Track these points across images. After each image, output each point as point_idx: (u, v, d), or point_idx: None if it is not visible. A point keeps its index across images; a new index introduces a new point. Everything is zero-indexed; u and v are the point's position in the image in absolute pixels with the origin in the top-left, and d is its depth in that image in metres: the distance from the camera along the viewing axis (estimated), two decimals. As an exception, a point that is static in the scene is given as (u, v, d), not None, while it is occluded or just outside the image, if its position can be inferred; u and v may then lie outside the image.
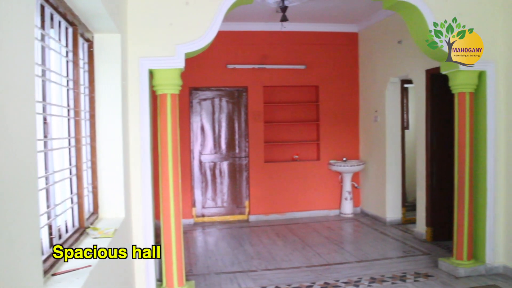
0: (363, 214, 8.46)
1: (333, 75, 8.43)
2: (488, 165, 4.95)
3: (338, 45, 8.48)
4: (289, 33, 8.06)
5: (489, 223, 5.01)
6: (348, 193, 8.33)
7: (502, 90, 4.93)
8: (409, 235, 6.95)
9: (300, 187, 8.39)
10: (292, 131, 8.52)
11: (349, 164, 8.21)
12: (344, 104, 8.51)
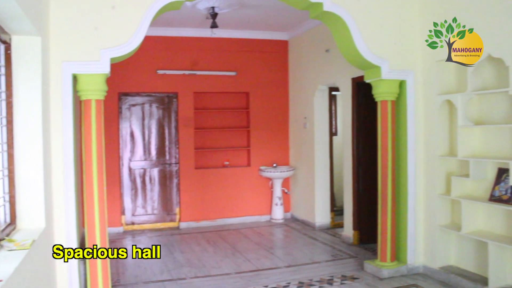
0: (293, 219, 8.59)
1: (263, 82, 8.52)
2: (409, 170, 5.18)
3: (268, 52, 8.58)
4: (220, 39, 8.08)
5: (410, 226, 5.23)
6: (279, 199, 8.43)
7: (420, 98, 5.18)
8: (337, 239, 7.13)
9: (231, 193, 8.39)
10: (222, 137, 8.52)
11: (279, 170, 8.32)
12: (274, 111, 8.62)
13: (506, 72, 4.21)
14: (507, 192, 4.36)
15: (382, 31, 5.05)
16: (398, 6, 5.13)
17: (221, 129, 8.48)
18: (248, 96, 8.51)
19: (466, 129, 4.72)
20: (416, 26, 5.18)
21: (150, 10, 4.26)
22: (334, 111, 8.77)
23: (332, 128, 7.95)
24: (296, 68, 8.41)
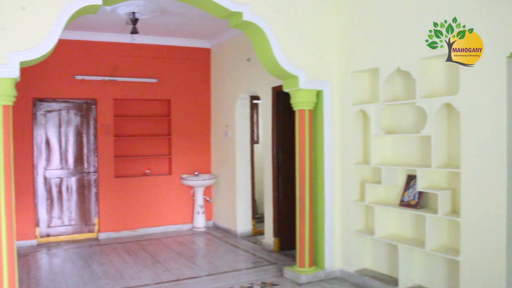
0: (215, 228, 8.57)
1: (185, 89, 8.47)
2: (326, 178, 5.33)
3: (191, 60, 8.55)
4: (141, 45, 7.96)
5: (328, 232, 5.39)
6: (200, 207, 8.38)
7: (337, 108, 5.37)
8: (258, 246, 7.19)
9: (152, 202, 8.24)
10: (143, 145, 8.36)
11: (201, 178, 8.28)
12: (196, 119, 8.59)
13: (414, 85, 4.47)
14: (415, 197, 4.61)
15: (301, 42, 5.19)
16: (316, 18, 5.29)
17: (142, 137, 8.32)
18: (169, 104, 8.41)
19: (378, 137, 4.94)
20: (333, 39, 5.37)
21: (64, 12, 4.10)
22: (256, 120, 8.87)
23: (253, 136, 8.03)
24: (218, 76, 8.44)
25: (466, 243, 4.05)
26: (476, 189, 3.96)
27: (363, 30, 5.05)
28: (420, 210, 4.51)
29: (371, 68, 4.94)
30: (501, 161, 3.76)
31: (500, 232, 3.78)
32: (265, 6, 4.95)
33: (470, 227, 4.01)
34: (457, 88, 4.07)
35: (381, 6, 4.82)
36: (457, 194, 4.22)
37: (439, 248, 4.38)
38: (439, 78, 4.41)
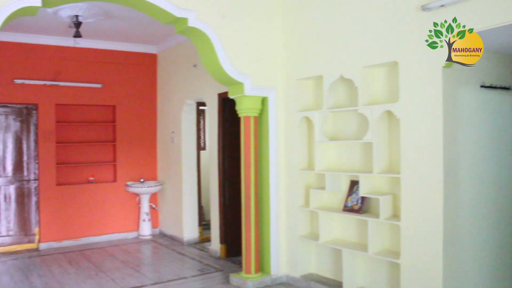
0: (161, 235, 8.45)
1: (131, 95, 8.33)
2: (271, 184, 5.37)
3: (137, 65, 8.42)
4: (85, 49, 7.77)
5: (273, 238, 5.42)
6: (146, 215, 8.25)
7: (282, 114, 5.42)
8: (205, 253, 7.14)
9: (97, 210, 8.03)
10: (87, 152, 8.12)
11: (147, 185, 8.15)
12: (142, 125, 8.46)
13: (356, 92, 4.58)
14: (358, 202, 4.71)
15: (246, 49, 5.21)
16: (262, 25, 5.33)
17: (86, 143, 8.08)
18: (114, 109, 8.24)
19: (322, 144, 5.02)
20: (279, 46, 5.43)
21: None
22: (202, 126, 8.83)
23: (200, 143, 7.99)
24: (164, 82, 8.35)
25: (406, 246, 4.17)
26: (415, 193, 4.09)
27: (308, 38, 5.13)
28: (363, 214, 4.62)
29: (316, 75, 5.03)
30: (437, 166, 3.90)
31: (437, 234, 3.92)
32: (211, 13, 4.95)
33: (410, 231, 4.14)
34: (397, 96, 4.20)
35: (325, 15, 4.92)
36: (398, 198, 4.33)
37: (381, 252, 4.49)
38: (381, 86, 4.55)
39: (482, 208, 4.55)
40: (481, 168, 4.53)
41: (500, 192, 4.80)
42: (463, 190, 4.26)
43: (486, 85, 4.50)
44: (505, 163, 4.88)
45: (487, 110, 4.63)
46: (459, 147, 4.18)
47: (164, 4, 4.63)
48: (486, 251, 4.62)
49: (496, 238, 4.76)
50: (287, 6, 5.37)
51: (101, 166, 8.24)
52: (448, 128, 3.94)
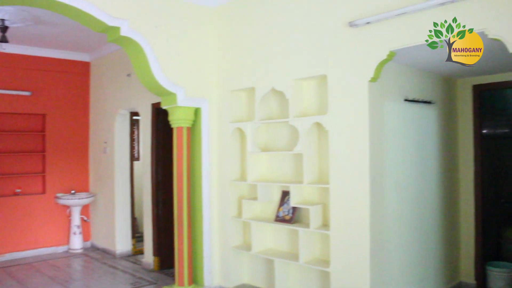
0: (93, 248, 8.20)
1: (62, 104, 8.08)
2: (204, 195, 5.35)
3: (68, 73, 8.18)
4: (13, 55, 7.48)
5: (206, 249, 5.38)
6: (77, 227, 7.98)
7: (215, 125, 5.42)
8: (138, 266, 6.99)
9: (23, 223, 7.68)
10: (14, 162, 7.75)
11: (78, 197, 7.90)
12: (74, 135, 8.21)
13: (287, 104, 4.66)
14: (289, 212, 4.77)
15: (179, 60, 5.19)
16: (196, 37, 5.32)
17: (12, 154, 7.72)
18: (44, 118, 7.95)
19: (254, 155, 5.06)
20: (213, 57, 5.44)
21: None
22: (136, 136, 8.69)
23: (133, 153, 7.85)
24: (97, 91, 8.16)
25: (335, 254, 4.26)
26: (343, 203, 4.20)
27: (241, 50, 5.18)
28: (294, 224, 4.68)
29: (248, 87, 5.08)
30: (364, 176, 4.02)
31: (364, 242, 4.04)
32: (144, 22, 4.89)
33: (338, 239, 4.24)
34: (326, 109, 4.32)
35: (258, 28, 4.99)
36: (328, 208, 4.43)
37: (312, 261, 4.56)
38: (311, 98, 4.65)
39: (406, 215, 4.74)
40: (405, 177, 4.73)
41: (423, 199, 5.03)
42: (388, 199, 4.42)
43: (410, 99, 4.71)
44: (428, 172, 5.13)
45: (411, 122, 4.84)
46: (384, 157, 4.34)
47: (96, 12, 4.53)
48: (411, 255, 4.82)
49: (420, 243, 4.98)
50: (221, 18, 5.40)
51: (29, 177, 7.89)
52: (374, 140, 4.09)
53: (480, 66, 4.86)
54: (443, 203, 5.39)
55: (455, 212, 5.71)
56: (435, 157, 5.26)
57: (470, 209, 5.70)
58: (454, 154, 5.68)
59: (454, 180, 5.68)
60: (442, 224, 5.40)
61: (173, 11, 5.15)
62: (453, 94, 5.67)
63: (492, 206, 6.05)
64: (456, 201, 5.73)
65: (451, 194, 5.61)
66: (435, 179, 5.26)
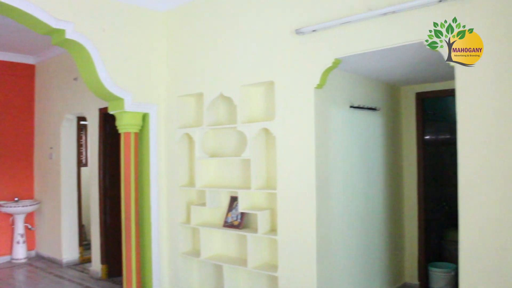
0: (38, 258, 7.94)
1: (5, 108, 7.79)
2: (152, 201, 5.28)
3: (11, 76, 7.90)
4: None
5: (155, 256, 5.31)
6: (21, 236, 7.70)
7: (163, 131, 5.37)
8: (85, 275, 6.83)
9: (-39, 233, 7.37)
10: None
11: (22, 204, 7.63)
12: (18, 140, 7.93)
13: (235, 110, 4.68)
14: (237, 218, 4.78)
15: (127, 64, 5.11)
16: (144, 40, 5.26)
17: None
18: (-15, 123, 7.67)
19: (202, 161, 5.05)
20: (162, 62, 5.38)
21: None
22: (84, 142, 8.50)
23: (80, 159, 7.68)
24: (43, 95, 7.93)
25: (283, 259, 4.30)
26: (290, 208, 4.25)
27: (190, 55, 5.16)
28: (242, 230, 4.69)
29: (196, 92, 5.06)
30: (310, 181, 4.08)
31: (311, 246, 4.09)
32: (90, 25, 4.79)
33: (286, 244, 4.28)
34: (274, 115, 4.36)
35: (206, 34, 4.98)
36: (275, 213, 4.47)
37: (260, 266, 4.58)
38: (259, 104, 4.68)
39: (352, 219, 4.85)
40: (351, 182, 4.84)
41: (368, 203, 5.17)
42: (334, 203, 4.51)
43: (355, 105, 4.83)
44: (373, 177, 5.27)
45: (356, 128, 4.96)
46: (330, 163, 4.42)
47: (40, 14, 4.39)
48: (357, 258, 4.94)
49: (365, 246, 5.10)
50: (170, 23, 5.37)
51: (-32, 184, 7.59)
52: (320, 145, 4.16)
53: (422, 75, 5.06)
54: (387, 206, 5.55)
55: (399, 215, 5.89)
56: (380, 162, 5.41)
57: (413, 213, 5.90)
58: (398, 159, 5.86)
59: (398, 184, 5.86)
60: (387, 227, 5.55)
61: (121, 15, 5.07)
62: (397, 101, 5.86)
63: (435, 209, 6.28)
64: (400, 205, 5.91)
65: (396, 198, 5.78)
66: (380, 183, 5.41)
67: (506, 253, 3.12)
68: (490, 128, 3.18)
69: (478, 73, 3.21)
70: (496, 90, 3.15)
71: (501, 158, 3.13)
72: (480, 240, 3.24)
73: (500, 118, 3.13)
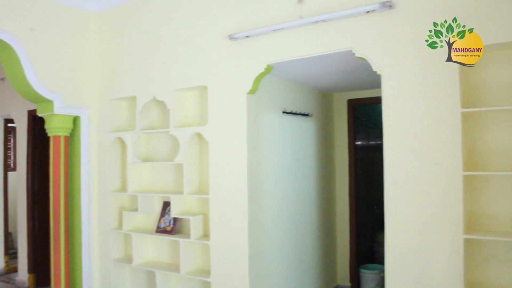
0: (-40, 267, 7.52)
1: None
2: (83, 207, 5.12)
3: None
4: None
5: (85, 263, 5.15)
6: None
7: (95, 135, 5.23)
8: (11, 285, 6.55)
9: None
10: None
11: None
12: None
13: (168, 114, 4.64)
14: (170, 223, 4.73)
15: (57, 65, 4.94)
16: (76, 41, 5.10)
17: None
18: None
19: (135, 165, 4.96)
20: (93, 64, 5.24)
21: None
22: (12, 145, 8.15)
23: (7, 163, 7.35)
24: (-33, 96, 7.53)
25: (215, 264, 4.30)
26: (222, 213, 4.25)
27: (123, 58, 5.06)
28: (175, 235, 4.65)
29: (129, 96, 4.97)
30: (243, 186, 4.11)
31: (243, 251, 4.11)
32: (18, 24, 4.59)
33: (218, 249, 4.28)
34: (207, 119, 4.36)
35: (139, 37, 4.91)
36: (208, 218, 4.46)
37: (193, 271, 4.56)
38: (192, 109, 4.67)
39: (285, 223, 4.92)
40: (283, 187, 4.91)
41: (301, 207, 5.26)
42: (267, 208, 4.56)
43: (288, 111, 4.91)
44: (306, 181, 5.37)
45: (289, 134, 5.04)
46: (263, 168, 4.47)
47: (-39, 11, 4.20)
48: (290, 262, 5.01)
49: (298, 250, 5.19)
50: (103, 24, 5.25)
51: None
52: (253, 150, 4.19)
53: (353, 82, 5.22)
54: (320, 210, 5.67)
55: (332, 218, 6.03)
56: (312, 167, 5.52)
57: (345, 216, 6.05)
58: (330, 164, 6.01)
59: (331, 189, 6.01)
60: (320, 230, 5.67)
61: (52, 14, 4.90)
62: (330, 108, 6.01)
63: (366, 213, 6.47)
64: (333, 208, 6.06)
65: (328, 202, 5.91)
66: (313, 188, 5.52)
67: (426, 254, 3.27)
68: (413, 134, 3.34)
69: (402, 81, 3.36)
70: (419, 98, 3.30)
71: (423, 163, 3.29)
72: (404, 242, 3.38)
73: (422, 124, 3.29)
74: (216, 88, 4.28)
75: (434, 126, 3.25)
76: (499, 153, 3.26)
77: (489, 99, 3.28)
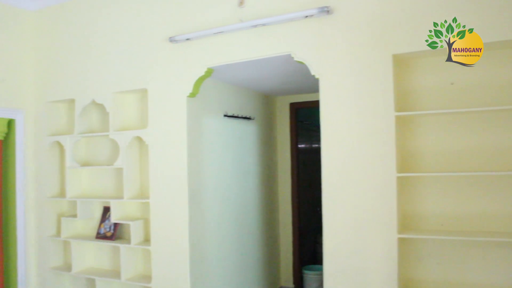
0: None
1: None
2: (18, 213, 4.92)
3: None
4: None
5: (21, 272, 4.96)
6: None
7: (31, 138, 5.05)
8: None
9: None
10: None
11: None
12: None
13: (108, 118, 4.55)
14: (110, 229, 4.64)
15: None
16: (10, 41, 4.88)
17: None
18: None
19: (74, 170, 4.83)
20: (30, 65, 5.06)
21: None
22: None
23: None
24: None
25: (156, 269, 4.25)
26: (163, 217, 4.21)
27: (61, 59, 4.92)
28: (115, 241, 4.56)
29: (68, 98, 4.83)
30: (183, 190, 4.09)
31: (184, 255, 4.09)
32: None
33: (159, 254, 4.23)
34: (147, 123, 4.31)
35: (78, 39, 4.79)
36: (149, 223, 4.40)
37: (135, 277, 4.49)
38: (132, 112, 4.60)
39: (227, 226, 4.93)
40: (225, 190, 4.92)
41: (243, 210, 5.29)
42: (208, 211, 4.55)
43: (229, 114, 4.92)
44: (248, 184, 5.40)
45: (231, 137, 5.06)
46: (204, 171, 4.46)
47: None
48: (232, 265, 5.03)
49: (241, 253, 5.21)
50: (39, 24, 5.07)
51: None
52: (193, 154, 4.18)
53: (294, 86, 5.30)
54: (263, 213, 5.71)
55: (275, 221, 6.09)
56: (255, 169, 5.56)
57: (288, 218, 6.13)
58: (273, 167, 6.07)
59: (274, 191, 6.07)
60: (262, 233, 5.71)
61: (-18, 13, 4.71)
62: (272, 111, 6.07)
63: (309, 214, 6.57)
64: (275, 211, 6.12)
65: (271, 204, 5.97)
66: (255, 190, 5.55)
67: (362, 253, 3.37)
68: (348, 137, 3.43)
69: (339, 85, 3.45)
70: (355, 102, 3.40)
71: (359, 165, 3.38)
72: (341, 242, 3.47)
73: (358, 127, 3.39)
74: (156, 91, 4.24)
75: (369, 129, 3.34)
76: (432, 155, 3.39)
77: (422, 103, 3.41)
